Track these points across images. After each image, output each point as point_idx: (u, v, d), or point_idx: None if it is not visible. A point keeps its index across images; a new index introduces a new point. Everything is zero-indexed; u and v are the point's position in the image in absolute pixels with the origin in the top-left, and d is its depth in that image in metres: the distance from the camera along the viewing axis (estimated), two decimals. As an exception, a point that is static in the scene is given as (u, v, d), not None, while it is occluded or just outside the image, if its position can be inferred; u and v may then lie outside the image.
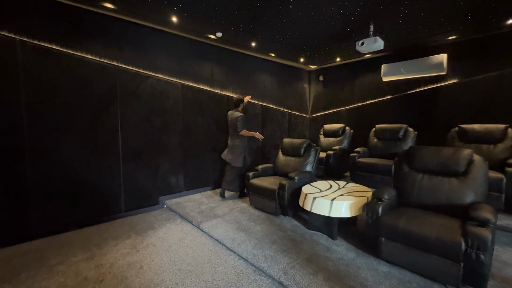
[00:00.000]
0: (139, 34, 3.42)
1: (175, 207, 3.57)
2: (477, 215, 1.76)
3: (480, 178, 2.08)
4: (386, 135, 4.11)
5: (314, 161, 3.44)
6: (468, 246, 1.65)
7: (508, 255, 2.20)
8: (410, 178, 2.36)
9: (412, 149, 2.48)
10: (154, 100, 3.59)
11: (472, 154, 2.19)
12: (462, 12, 3.09)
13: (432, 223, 1.88)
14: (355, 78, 5.44)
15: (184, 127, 3.96)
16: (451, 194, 2.11)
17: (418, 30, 3.66)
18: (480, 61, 3.89)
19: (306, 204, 2.62)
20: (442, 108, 4.28)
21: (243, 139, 3.74)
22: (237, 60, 4.66)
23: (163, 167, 3.75)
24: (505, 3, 2.86)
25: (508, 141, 3.05)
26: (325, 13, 3.11)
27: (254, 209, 3.41)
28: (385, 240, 2.04)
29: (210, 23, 3.39)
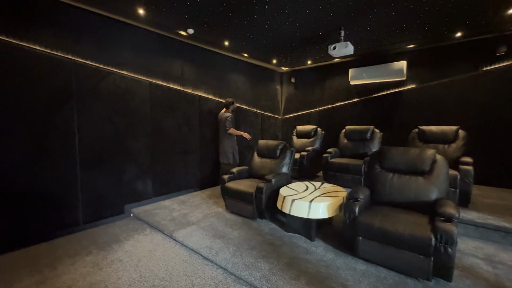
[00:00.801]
0: (100, 25, 3.08)
1: (143, 215, 3.28)
2: (443, 211, 1.89)
3: (442, 176, 2.26)
4: (355, 136, 4.31)
5: (290, 162, 3.44)
6: (437, 241, 1.76)
7: (464, 245, 2.43)
8: (382, 178, 2.48)
9: (383, 150, 2.60)
10: (117, 99, 3.26)
11: (435, 154, 2.37)
12: (421, 23, 3.36)
13: (404, 220, 1.98)
14: (325, 81, 5.64)
15: (153, 129, 3.68)
16: (419, 192, 2.25)
17: (383, 38, 3.90)
18: (434, 69, 4.30)
19: (285, 207, 2.59)
20: (403, 110, 4.63)
21: (231, 138, 4.04)
22: (209, 59, 4.49)
23: (129, 172, 3.43)
24: (455, 19, 3.18)
25: (460, 141, 3.40)
26: (299, 15, 3.13)
27: (230, 213, 3.29)
28: (362, 239, 2.10)
29: (181, 18, 3.19)
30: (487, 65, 3.86)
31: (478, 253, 2.29)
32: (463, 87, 4.05)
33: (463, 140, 3.38)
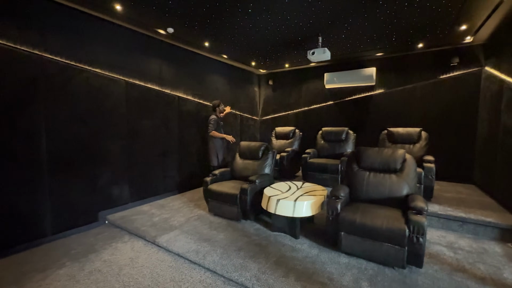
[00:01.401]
0: (71, 19, 2.86)
1: (120, 222, 3.11)
2: (415, 205, 2.10)
3: (412, 173, 2.50)
4: (331, 137, 4.54)
5: (272, 163, 3.52)
6: (411, 232, 1.95)
7: (430, 235, 2.71)
8: (359, 176, 2.66)
9: (359, 150, 2.79)
10: (90, 99, 3.06)
11: (405, 153, 2.61)
12: (389, 34, 3.67)
13: (381, 215, 2.16)
14: (302, 84, 5.85)
15: (129, 130, 3.50)
16: (392, 188, 2.46)
17: (355, 45, 4.17)
18: (400, 75, 4.71)
19: (270, 207, 2.65)
20: (373, 113, 5.00)
21: (214, 140, 4.07)
22: (188, 59, 4.41)
23: (103, 177, 3.23)
24: (418, 31, 3.53)
25: (423, 142, 3.77)
26: (280, 21, 3.23)
27: (213, 216, 3.26)
28: (344, 234, 2.24)
29: (161, 17, 3.09)
30: (443, 74, 4.34)
31: (441, 241, 2.57)
32: (424, 93, 4.51)
33: (425, 140, 3.76)
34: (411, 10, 2.93)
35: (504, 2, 2.70)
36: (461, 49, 4.13)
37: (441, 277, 1.98)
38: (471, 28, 3.43)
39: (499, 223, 2.60)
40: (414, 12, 2.97)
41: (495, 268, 2.10)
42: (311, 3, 2.77)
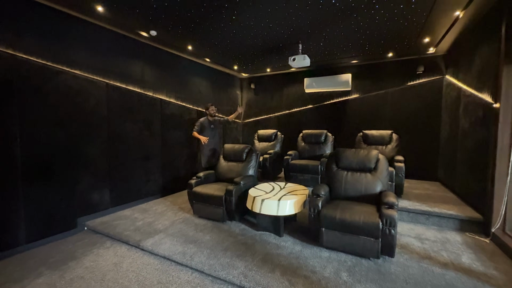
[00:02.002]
0: (48, 19, 2.77)
1: (101, 228, 3.02)
2: (387, 201, 2.30)
3: (384, 172, 2.73)
4: (311, 139, 4.75)
5: (255, 165, 3.62)
6: (384, 224, 2.15)
7: (401, 228, 2.96)
8: (338, 176, 2.85)
9: (338, 152, 2.99)
10: (69, 101, 2.96)
11: (378, 154, 2.84)
12: (362, 43, 3.96)
13: (359, 211, 2.34)
14: (283, 88, 6.05)
15: (110, 133, 3.42)
16: (368, 186, 2.67)
17: (333, 53, 4.44)
18: (373, 81, 5.07)
19: (255, 207, 2.74)
20: (350, 116, 5.31)
21: (198, 142, 4.26)
22: (171, 62, 4.39)
23: (83, 181, 3.13)
24: (388, 42, 3.85)
25: (394, 143, 4.09)
26: (263, 28, 3.36)
27: (198, 218, 3.29)
28: (326, 230, 2.39)
29: (145, 19, 3.09)
30: (411, 81, 4.74)
31: (411, 233, 2.83)
32: (394, 98, 4.89)
33: (396, 142, 4.08)
34: (381, 23, 3.21)
35: (458, 21, 3.06)
36: (425, 59, 4.55)
37: (410, 264, 2.20)
38: (433, 41, 3.82)
39: (459, 215, 2.91)
40: (384, 25, 3.26)
41: (455, 254, 2.37)
42: (292, 13, 2.93)
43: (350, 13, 2.94)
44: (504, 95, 2.51)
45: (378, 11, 2.90)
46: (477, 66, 3.11)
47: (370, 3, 2.71)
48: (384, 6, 2.78)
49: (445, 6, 2.76)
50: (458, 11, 2.88)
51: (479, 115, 3.00)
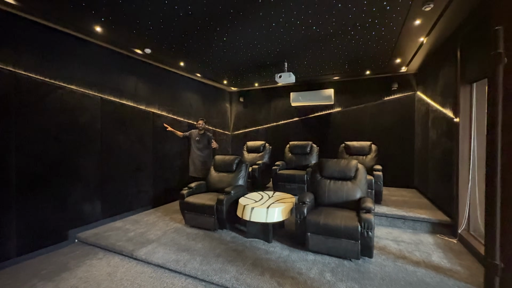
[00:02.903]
0: (48, 37, 2.90)
1: (93, 239, 3.06)
2: (365, 206, 2.55)
3: (363, 180, 3.00)
4: (298, 150, 5.01)
5: (245, 175, 3.80)
6: (362, 227, 2.38)
7: (380, 232, 3.21)
8: (322, 184, 3.08)
9: (321, 162, 3.24)
10: (65, 115, 3.06)
11: (357, 163, 3.12)
12: (342, 63, 4.34)
13: (340, 216, 2.56)
14: (271, 102, 6.35)
15: (104, 146, 3.51)
16: (348, 193, 2.92)
17: (316, 70, 4.80)
18: (353, 96, 5.46)
19: (245, 215, 2.91)
20: (333, 128, 5.65)
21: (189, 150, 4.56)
22: (163, 77, 4.58)
23: (75, 194, 3.18)
24: (364, 62, 4.25)
25: (373, 153, 4.42)
26: (252, 47, 3.65)
27: (190, 227, 3.39)
28: (311, 234, 2.59)
29: (141, 39, 3.29)
30: (387, 96, 5.17)
31: (388, 237, 3.08)
32: (373, 112, 5.29)
33: (375, 152, 4.41)
34: (357, 46, 3.59)
35: (423, 46, 3.49)
36: (399, 77, 5.01)
37: (387, 264, 2.43)
38: (404, 61, 4.26)
39: (431, 219, 3.21)
40: (360, 48, 3.64)
41: (427, 254, 2.63)
42: (278, 36, 3.24)
43: (330, 37, 3.28)
44: (462, 111, 2.89)
45: (353, 37, 3.26)
46: (441, 85, 3.52)
47: (347, 30, 3.06)
48: (358, 32, 3.14)
49: (411, 33, 3.16)
50: (422, 37, 3.29)
51: (443, 128, 3.37)
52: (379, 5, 2.50)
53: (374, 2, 2.45)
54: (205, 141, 4.41)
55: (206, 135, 4.45)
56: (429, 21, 2.80)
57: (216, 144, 4.38)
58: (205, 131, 4.46)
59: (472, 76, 2.71)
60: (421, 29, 3.01)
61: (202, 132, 4.41)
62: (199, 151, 4.38)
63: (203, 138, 4.41)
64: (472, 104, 2.81)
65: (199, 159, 4.38)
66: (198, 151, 4.38)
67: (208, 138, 4.45)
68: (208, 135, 4.48)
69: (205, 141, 4.41)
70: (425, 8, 2.49)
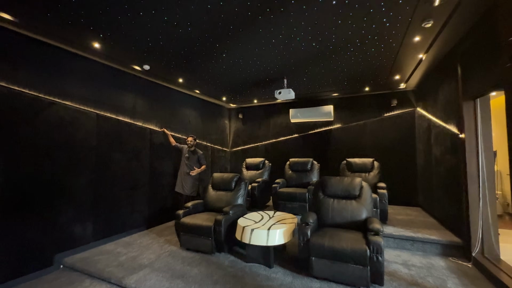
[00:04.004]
0: (44, 53, 2.87)
1: (80, 265, 2.84)
2: (372, 227, 2.39)
3: (368, 198, 2.86)
4: (298, 167, 4.88)
5: (244, 194, 3.64)
6: (371, 251, 2.21)
7: (388, 255, 3.02)
8: (326, 203, 2.94)
9: (324, 179, 3.11)
10: (59, 132, 2.97)
11: (361, 181, 2.99)
12: (341, 79, 4.36)
13: (346, 238, 2.40)
14: (270, 118, 6.32)
15: (98, 163, 3.38)
16: (353, 213, 2.77)
17: (315, 87, 4.81)
18: (353, 113, 5.45)
19: (244, 237, 2.73)
20: (333, 145, 5.57)
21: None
22: (161, 93, 4.55)
23: (65, 215, 3.00)
24: (363, 79, 4.27)
25: (375, 170, 4.31)
26: (251, 64, 3.65)
27: (186, 251, 3.18)
28: (315, 258, 2.40)
29: (139, 55, 3.28)
30: (386, 112, 5.15)
31: (397, 260, 2.88)
32: (373, 128, 5.24)
33: (377, 169, 4.30)
34: (356, 63, 3.60)
35: (422, 62, 3.50)
36: (398, 93, 5.02)
37: (399, 292, 2.23)
38: (403, 78, 4.28)
39: (440, 240, 3.03)
40: (359, 65, 3.65)
41: (441, 280, 2.43)
42: (277, 52, 3.24)
43: (329, 54, 3.29)
44: (467, 127, 2.82)
45: (353, 53, 3.27)
46: (441, 101, 3.49)
47: (346, 46, 3.07)
48: (358, 49, 3.15)
49: (409, 50, 3.18)
50: (421, 54, 3.31)
51: (448, 144, 3.29)
52: (379, 22, 2.52)
53: (373, 19, 2.47)
54: (194, 159, 4.27)
55: (196, 153, 4.31)
56: (428, 37, 2.82)
57: (200, 169, 4.22)
58: (195, 149, 4.33)
59: (475, 92, 2.67)
60: (420, 45, 3.03)
61: (192, 149, 4.29)
62: (188, 168, 4.23)
63: (193, 156, 4.28)
64: (477, 120, 2.75)
65: (187, 177, 4.22)
66: (186, 168, 4.24)
67: (197, 157, 4.30)
68: (198, 154, 4.32)
69: (195, 159, 4.28)
70: (424, 24, 2.50)
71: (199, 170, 4.23)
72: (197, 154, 4.32)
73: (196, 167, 4.24)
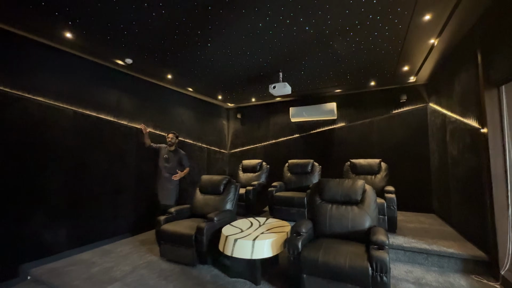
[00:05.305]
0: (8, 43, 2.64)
1: (47, 276, 2.56)
2: (376, 239, 1.99)
3: (372, 204, 2.44)
4: (297, 169, 4.49)
5: (234, 198, 3.29)
6: (374, 270, 1.80)
7: (397, 271, 2.58)
8: (322, 209, 2.54)
9: (321, 182, 2.72)
10: (29, 130, 2.73)
11: (364, 184, 2.59)
12: (343, 72, 3.96)
13: (344, 252, 2.00)
14: (269, 118, 5.97)
15: (76, 165, 3.13)
16: (354, 221, 2.36)
17: (315, 82, 4.43)
18: (358, 110, 5.02)
19: (227, 248, 2.37)
20: (337, 145, 5.14)
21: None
22: (150, 91, 4.29)
23: (35, 220, 2.74)
24: (368, 71, 3.86)
25: (383, 172, 3.86)
26: (241, 56, 3.33)
27: (166, 262, 2.85)
28: (307, 276, 2.02)
29: (118, 47, 3.02)
30: (395, 109, 4.70)
31: (409, 277, 2.44)
32: (381, 126, 4.79)
33: (385, 171, 3.85)
34: (359, 52, 3.21)
35: (434, 48, 3.08)
36: (407, 88, 4.57)
37: (410, 321, 1.80)
38: (413, 69, 3.84)
39: (461, 254, 2.56)
40: (361, 53, 3.26)
41: (463, 305, 1.99)
42: (267, 40, 2.91)
43: (326, 41, 2.93)
44: (490, 120, 2.38)
45: (353, 39, 2.89)
46: (458, 92, 3.05)
47: (344, 30, 2.70)
48: (358, 33, 2.77)
49: (419, 33, 2.77)
50: (432, 39, 2.89)
51: (466, 141, 2.84)
52: (380, -3, 2.14)
53: (373, -7, 2.10)
54: (175, 161, 3.62)
55: (177, 153, 3.68)
56: (441, 15, 2.41)
57: (184, 173, 3.61)
58: (177, 148, 3.72)
59: (500, 77, 2.24)
60: (432, 26, 2.62)
61: (172, 149, 3.66)
62: (168, 172, 3.60)
63: (173, 157, 3.62)
64: (502, 110, 2.31)
65: (168, 183, 3.58)
66: (166, 172, 3.59)
67: (179, 157, 3.66)
68: (180, 154, 3.69)
69: (176, 160, 3.62)
70: (435, -3, 2.11)
71: (182, 173, 3.61)
72: (179, 154, 3.70)
73: (180, 170, 3.64)
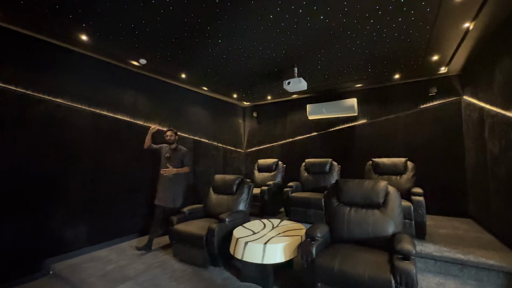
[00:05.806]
0: (32, 48, 2.76)
1: (67, 272, 2.64)
2: (401, 248, 1.77)
3: (396, 208, 2.21)
4: (315, 169, 4.29)
5: (247, 198, 3.19)
6: (398, 283, 1.60)
7: (426, 282, 2.31)
8: (340, 212, 2.35)
9: (339, 183, 2.53)
10: (50, 130, 2.84)
11: (387, 185, 2.35)
12: (364, 65, 3.69)
13: (364, 260, 1.81)
14: (286, 116, 5.79)
15: (94, 164, 3.23)
16: (376, 226, 2.15)
17: (333, 76, 4.19)
18: (381, 106, 4.68)
19: (237, 251, 2.27)
20: (357, 143, 4.85)
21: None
22: (166, 91, 4.33)
23: (56, 216, 2.85)
24: (392, 62, 3.55)
25: (409, 172, 3.53)
26: (254, 52, 3.22)
27: (178, 262, 2.82)
28: (322, 285, 1.85)
29: (131, 48, 3.06)
30: (424, 103, 4.31)
31: (440, 291, 2.17)
32: (407, 122, 4.42)
33: (412, 171, 3.52)
34: (381, 41, 2.95)
35: (469, 33, 2.73)
36: (437, 80, 4.15)
37: None
38: (443, 59, 3.47)
39: (503, 266, 2.23)
40: (384, 43, 2.99)
41: (507, 327, 1.71)
42: (280, 33, 2.76)
43: (344, 30, 2.71)
44: (540, 112, 2.04)
45: (374, 28, 2.65)
46: (500, 81, 2.67)
47: (364, 18, 2.47)
48: (380, 21, 2.53)
49: (450, 17, 2.47)
50: (467, 22, 2.56)
51: (510, 137, 2.48)
52: (404, -24, 1.91)
53: (396, -28, 1.87)
54: (178, 160, 3.29)
55: (179, 151, 3.35)
56: (477, -7, 2.11)
57: (182, 170, 3.22)
58: (178, 146, 3.39)
59: (553, 61, 1.90)
60: (466, 8, 2.31)
61: (173, 147, 3.34)
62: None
63: (175, 156, 3.30)
64: (557, 101, 1.96)
65: (169, 184, 3.20)
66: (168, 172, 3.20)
67: (181, 155, 3.33)
68: (182, 151, 3.36)
69: (178, 159, 3.29)
70: (471, -29, 1.84)
71: (175, 170, 3.16)
72: (181, 151, 3.35)
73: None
